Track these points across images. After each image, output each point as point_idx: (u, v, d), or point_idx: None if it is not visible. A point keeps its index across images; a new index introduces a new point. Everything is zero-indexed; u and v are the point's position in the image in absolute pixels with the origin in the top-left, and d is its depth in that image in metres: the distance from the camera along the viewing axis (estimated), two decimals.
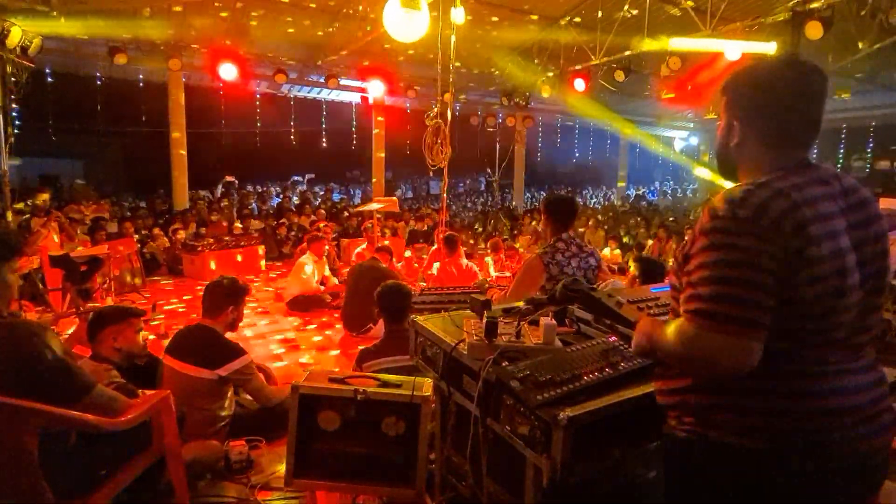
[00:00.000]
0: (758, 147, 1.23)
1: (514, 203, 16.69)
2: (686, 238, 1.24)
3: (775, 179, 1.15)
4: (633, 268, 4.08)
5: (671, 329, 1.18)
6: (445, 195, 6.74)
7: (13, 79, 7.48)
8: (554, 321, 1.79)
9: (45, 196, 8.10)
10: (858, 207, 1.18)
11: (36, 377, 1.67)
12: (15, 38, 6.87)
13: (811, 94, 1.19)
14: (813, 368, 1.14)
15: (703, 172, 18.09)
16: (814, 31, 6.37)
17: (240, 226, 10.17)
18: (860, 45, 7.29)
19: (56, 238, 6.67)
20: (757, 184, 1.14)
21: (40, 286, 5.62)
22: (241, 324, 3.28)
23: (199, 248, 8.03)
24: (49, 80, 11.33)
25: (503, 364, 1.60)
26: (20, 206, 7.47)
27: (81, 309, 5.04)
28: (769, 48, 7.38)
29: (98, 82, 11.95)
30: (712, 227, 1.12)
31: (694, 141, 19.81)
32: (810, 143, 1.23)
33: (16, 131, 7.64)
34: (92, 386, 1.82)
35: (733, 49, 7.48)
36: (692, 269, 1.15)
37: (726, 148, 1.28)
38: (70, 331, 3.81)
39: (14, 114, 7.73)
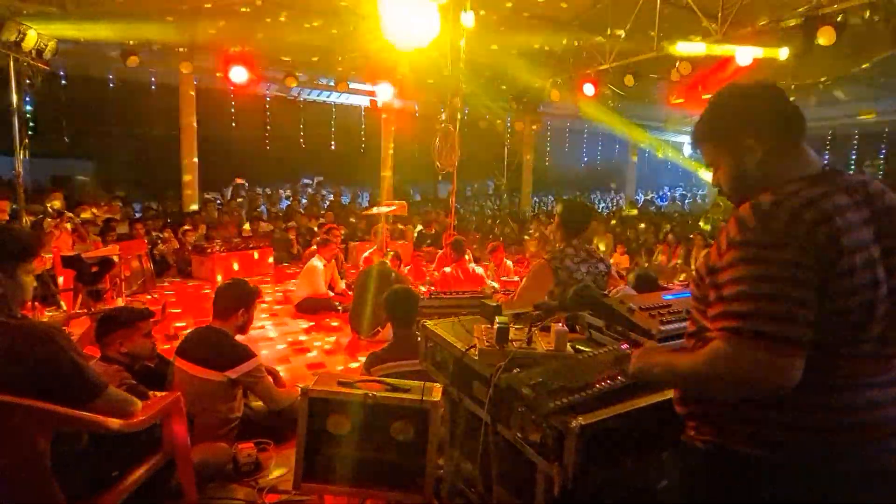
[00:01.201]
0: (779, 154, 1.22)
1: (521, 207, 16.67)
2: (711, 249, 1.22)
3: (803, 188, 1.12)
4: (630, 277, 4.09)
5: (702, 352, 1.13)
6: (454, 199, 6.74)
7: (28, 81, 7.58)
8: (565, 327, 1.79)
9: (59, 197, 8.20)
10: (885, 214, 1.15)
11: (49, 378, 1.68)
12: (31, 41, 6.97)
13: (782, 90, 1.26)
14: (841, 381, 1.11)
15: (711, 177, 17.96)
16: (826, 36, 6.32)
17: (249, 228, 10.22)
18: (873, 51, 7.23)
19: (69, 239, 6.73)
20: (785, 193, 1.11)
21: (52, 287, 5.67)
22: (250, 326, 3.28)
23: (209, 250, 8.08)
24: (63, 82, 11.46)
25: (514, 370, 1.60)
26: (40, 208, 7.56)
27: (93, 309, 5.08)
28: (781, 53, 7.34)
29: (111, 85, 12.08)
30: (744, 240, 1.08)
31: None
32: (806, 132, 1.25)
33: (30, 133, 7.74)
34: (104, 387, 1.83)
35: (744, 54, 7.44)
36: (724, 283, 1.11)
37: (744, 171, 1.25)
38: (81, 332, 3.83)
39: (28, 115, 7.84)
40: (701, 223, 12.78)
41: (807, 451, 1.11)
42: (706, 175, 18.60)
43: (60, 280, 5.78)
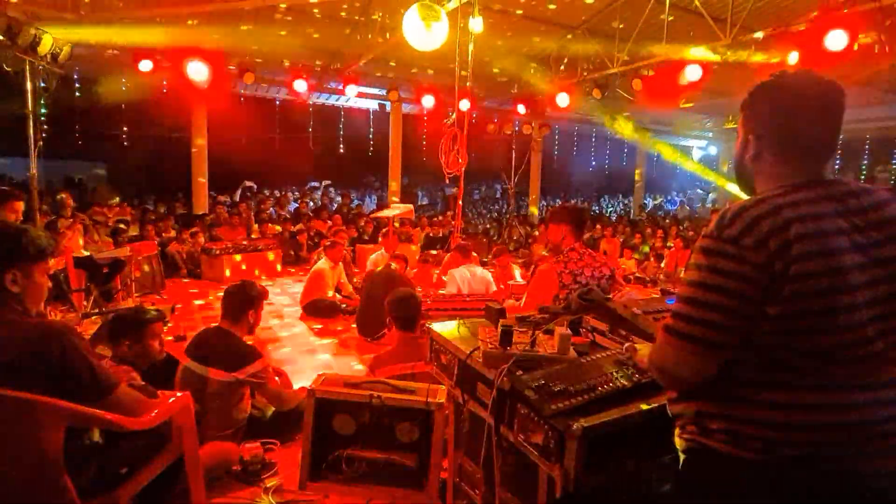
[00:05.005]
0: (773, 160, 1.24)
1: (529, 211, 16.66)
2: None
3: (778, 195, 1.16)
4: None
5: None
6: (461, 202, 6.76)
7: (43, 84, 7.70)
8: (569, 331, 1.80)
9: (68, 196, 8.28)
10: (880, 225, 1.15)
11: (62, 375, 1.72)
12: (46, 45, 7.07)
13: (827, 105, 1.20)
14: (812, 382, 1.13)
15: (722, 182, 17.86)
16: (836, 41, 6.28)
17: (258, 230, 10.30)
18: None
19: (80, 240, 6.82)
20: (757, 199, 1.16)
21: (65, 287, 5.74)
22: (257, 327, 3.32)
23: (218, 252, 8.15)
24: (76, 85, 11.60)
25: (518, 373, 1.61)
26: (52, 210, 7.64)
27: (104, 309, 5.15)
28: (790, 58, 7.29)
29: (123, 88, 12.21)
30: (699, 246, 1.18)
31: (713, 150, 19.59)
32: (828, 156, 1.22)
33: (43, 135, 7.85)
34: (115, 385, 1.87)
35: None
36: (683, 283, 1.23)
37: (742, 161, 1.30)
38: (93, 331, 3.89)
39: (42, 118, 7.94)
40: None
41: (773, 449, 1.13)
42: (716, 180, 18.52)
43: (70, 276, 5.86)
